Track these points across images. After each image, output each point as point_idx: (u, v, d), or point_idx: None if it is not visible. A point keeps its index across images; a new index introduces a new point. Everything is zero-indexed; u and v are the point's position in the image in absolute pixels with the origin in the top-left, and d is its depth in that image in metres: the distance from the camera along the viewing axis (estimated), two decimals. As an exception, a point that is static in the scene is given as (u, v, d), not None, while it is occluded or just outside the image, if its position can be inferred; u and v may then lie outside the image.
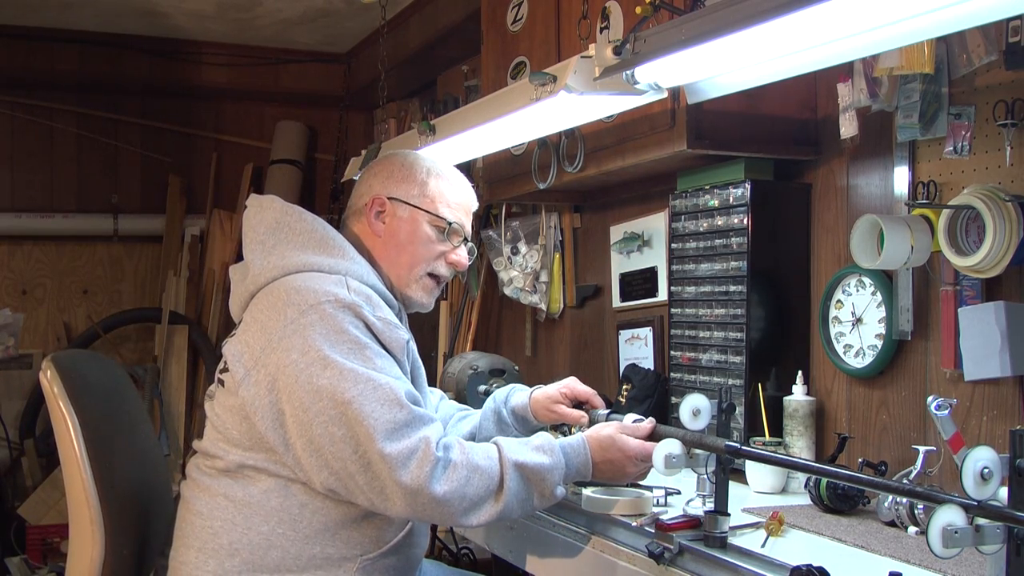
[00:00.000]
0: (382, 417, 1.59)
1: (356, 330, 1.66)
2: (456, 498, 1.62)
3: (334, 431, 1.60)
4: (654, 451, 1.78)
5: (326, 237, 1.80)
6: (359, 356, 1.64)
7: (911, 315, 2.08)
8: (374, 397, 1.60)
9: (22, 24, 4.48)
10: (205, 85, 4.92)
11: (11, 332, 4.63)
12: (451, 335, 4.03)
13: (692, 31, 1.69)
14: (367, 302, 1.70)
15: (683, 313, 2.49)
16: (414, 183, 1.90)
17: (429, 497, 1.59)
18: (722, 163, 2.38)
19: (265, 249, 1.79)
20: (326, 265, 1.75)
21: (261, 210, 1.84)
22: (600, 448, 1.78)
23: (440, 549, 3.18)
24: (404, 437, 1.60)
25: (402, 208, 1.88)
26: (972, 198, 1.84)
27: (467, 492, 1.62)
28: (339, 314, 1.65)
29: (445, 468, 1.62)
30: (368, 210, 1.89)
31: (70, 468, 1.84)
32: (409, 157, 1.96)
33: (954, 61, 1.95)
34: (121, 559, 1.82)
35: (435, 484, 1.59)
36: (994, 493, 1.29)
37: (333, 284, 1.70)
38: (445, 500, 1.60)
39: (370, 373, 1.63)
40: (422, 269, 1.88)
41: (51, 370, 1.88)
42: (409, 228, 1.87)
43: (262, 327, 1.70)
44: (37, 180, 4.88)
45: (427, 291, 1.90)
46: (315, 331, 1.63)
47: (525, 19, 2.82)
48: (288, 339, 1.65)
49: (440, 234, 1.89)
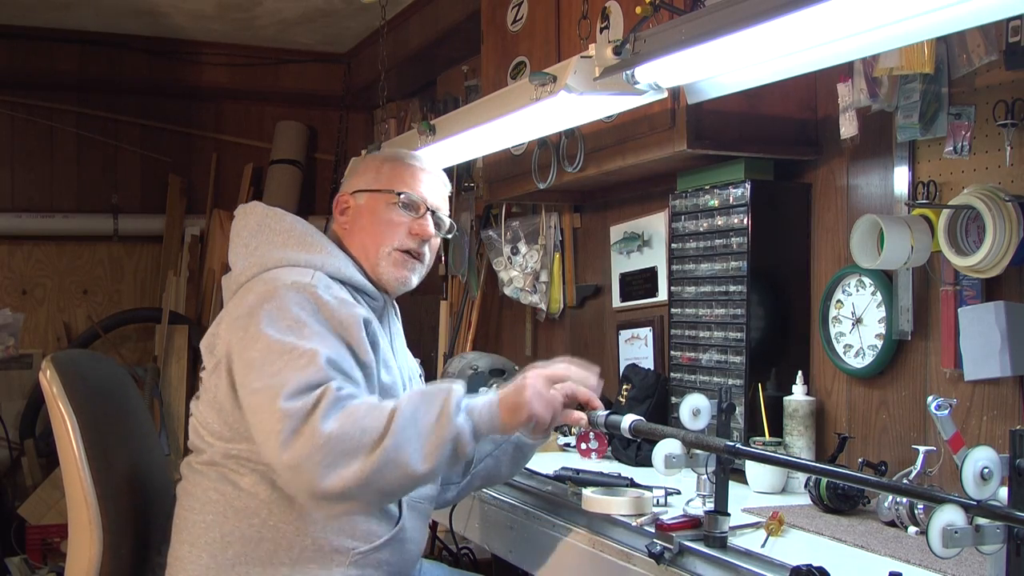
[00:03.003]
0: (295, 378, 1.57)
1: (300, 310, 1.66)
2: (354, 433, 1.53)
3: (254, 401, 1.60)
4: (654, 451, 1.78)
5: (305, 234, 1.84)
6: (295, 333, 1.64)
7: (911, 315, 2.08)
8: (296, 365, 1.59)
9: (22, 24, 4.48)
10: (205, 85, 4.92)
11: (11, 332, 4.63)
12: (451, 335, 4.03)
13: (692, 31, 1.69)
14: (328, 288, 1.73)
15: (683, 313, 2.49)
16: (370, 172, 1.95)
17: (323, 440, 1.51)
18: (722, 163, 2.38)
19: (248, 251, 1.83)
20: (303, 260, 1.79)
21: (245, 216, 1.90)
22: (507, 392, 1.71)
23: (440, 549, 3.18)
24: (308, 393, 1.56)
25: (361, 196, 1.93)
26: (972, 198, 1.84)
27: (365, 424, 1.54)
28: (289, 295, 1.67)
29: (338, 407, 1.55)
30: (336, 211, 1.95)
31: (69, 468, 1.84)
32: (369, 155, 2.01)
33: (954, 61, 1.95)
34: (120, 558, 1.82)
35: (328, 422, 1.53)
36: (994, 493, 1.29)
37: (299, 275, 1.73)
38: (340, 437, 1.52)
39: (296, 343, 1.62)
40: (388, 247, 1.89)
41: (50, 370, 1.88)
42: (368, 212, 1.91)
43: (226, 315, 1.75)
44: (37, 180, 4.88)
45: (397, 265, 1.89)
46: (262, 310, 1.66)
47: (525, 19, 2.82)
48: (240, 321, 1.69)
49: (398, 210, 1.90)
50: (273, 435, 1.54)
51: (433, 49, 4.09)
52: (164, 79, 4.83)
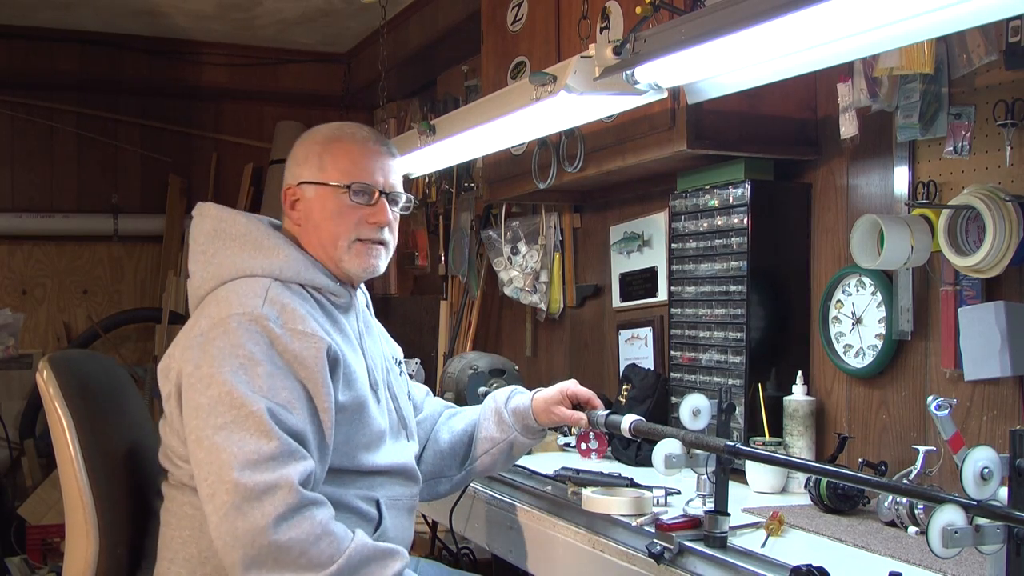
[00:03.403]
0: (245, 447, 1.54)
1: (254, 346, 1.61)
2: (296, 551, 1.51)
3: (199, 454, 1.58)
4: (654, 451, 1.78)
5: (260, 238, 1.77)
6: (248, 373, 1.59)
7: (911, 315, 2.08)
8: (243, 426, 1.55)
9: (22, 24, 4.48)
10: (205, 85, 4.92)
11: (11, 332, 4.63)
12: (451, 335, 4.03)
13: (692, 31, 1.69)
14: (280, 313, 1.66)
15: (683, 313, 2.49)
16: (312, 160, 1.83)
17: (268, 540, 1.50)
18: (722, 163, 2.38)
19: (206, 258, 1.78)
20: (259, 267, 1.73)
21: (201, 219, 1.83)
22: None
23: (440, 549, 3.18)
24: (265, 471, 1.53)
25: (308, 189, 1.82)
26: (972, 198, 1.84)
27: (310, 551, 1.52)
28: (241, 328, 1.62)
29: (298, 514, 1.52)
30: (286, 205, 1.86)
31: (65, 468, 1.84)
32: (305, 136, 1.89)
33: (954, 61, 1.95)
34: (115, 558, 1.82)
35: (280, 528, 1.50)
36: (994, 493, 1.30)
37: (252, 295, 1.67)
38: (284, 547, 1.50)
39: (246, 398, 1.56)
40: (346, 240, 1.80)
41: (47, 370, 1.88)
42: (319, 206, 1.81)
43: (181, 337, 1.71)
44: (37, 180, 4.89)
45: (361, 255, 1.81)
46: (214, 345, 1.61)
47: (525, 19, 2.82)
48: (191, 351, 1.65)
49: (350, 201, 1.80)
50: (218, 502, 1.52)
51: (433, 49, 4.09)
52: (164, 79, 4.83)
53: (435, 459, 2.05)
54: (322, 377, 1.65)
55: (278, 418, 1.58)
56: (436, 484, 2.05)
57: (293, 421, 1.60)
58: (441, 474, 2.05)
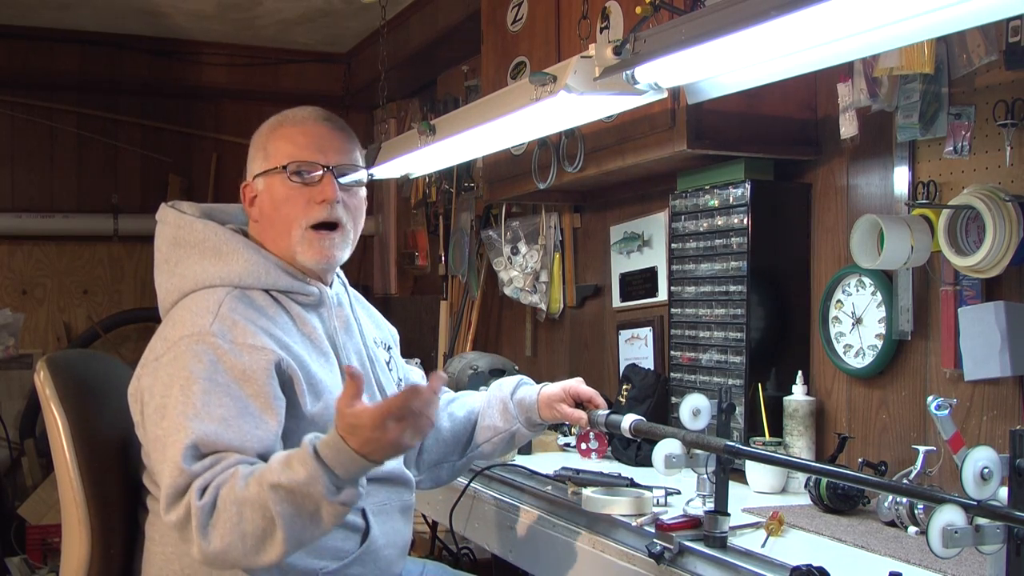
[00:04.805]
0: (166, 482, 1.53)
1: (195, 364, 1.58)
2: (237, 541, 1.48)
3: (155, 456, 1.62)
4: (654, 451, 1.78)
5: (218, 244, 1.74)
6: (185, 392, 1.56)
7: (911, 315, 2.08)
8: (164, 458, 1.54)
9: (22, 24, 4.49)
10: (205, 85, 4.92)
11: (11, 332, 4.64)
12: (451, 335, 4.03)
13: (692, 31, 1.69)
14: (231, 328, 1.62)
15: (683, 313, 2.49)
16: (259, 150, 1.80)
17: (215, 555, 1.48)
18: (722, 163, 2.38)
19: (169, 267, 1.76)
20: (217, 277, 1.71)
21: (162, 225, 1.82)
22: (349, 433, 1.47)
23: (440, 549, 3.18)
24: (177, 502, 1.51)
25: (259, 181, 1.78)
26: (972, 198, 1.84)
27: (245, 529, 1.47)
28: (189, 352, 1.60)
29: (210, 515, 1.49)
30: (246, 203, 1.82)
31: (60, 468, 1.84)
32: (256, 132, 1.86)
33: (954, 61, 1.95)
34: (109, 558, 1.82)
35: (210, 539, 1.48)
36: (994, 493, 1.30)
37: (204, 312, 1.64)
38: (226, 550, 1.48)
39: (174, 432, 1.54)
40: (297, 229, 1.74)
41: (44, 371, 1.87)
42: (269, 195, 1.76)
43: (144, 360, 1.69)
44: (37, 180, 4.89)
45: (314, 245, 1.74)
46: (165, 372, 1.61)
47: (525, 19, 2.82)
48: (147, 378, 1.64)
49: (291, 183, 1.74)
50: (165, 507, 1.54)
51: (433, 49, 4.09)
52: (164, 79, 4.83)
53: (437, 446, 2.03)
54: (272, 389, 1.61)
55: (207, 441, 1.54)
56: (438, 470, 2.04)
57: (228, 437, 1.55)
58: (443, 460, 2.03)
